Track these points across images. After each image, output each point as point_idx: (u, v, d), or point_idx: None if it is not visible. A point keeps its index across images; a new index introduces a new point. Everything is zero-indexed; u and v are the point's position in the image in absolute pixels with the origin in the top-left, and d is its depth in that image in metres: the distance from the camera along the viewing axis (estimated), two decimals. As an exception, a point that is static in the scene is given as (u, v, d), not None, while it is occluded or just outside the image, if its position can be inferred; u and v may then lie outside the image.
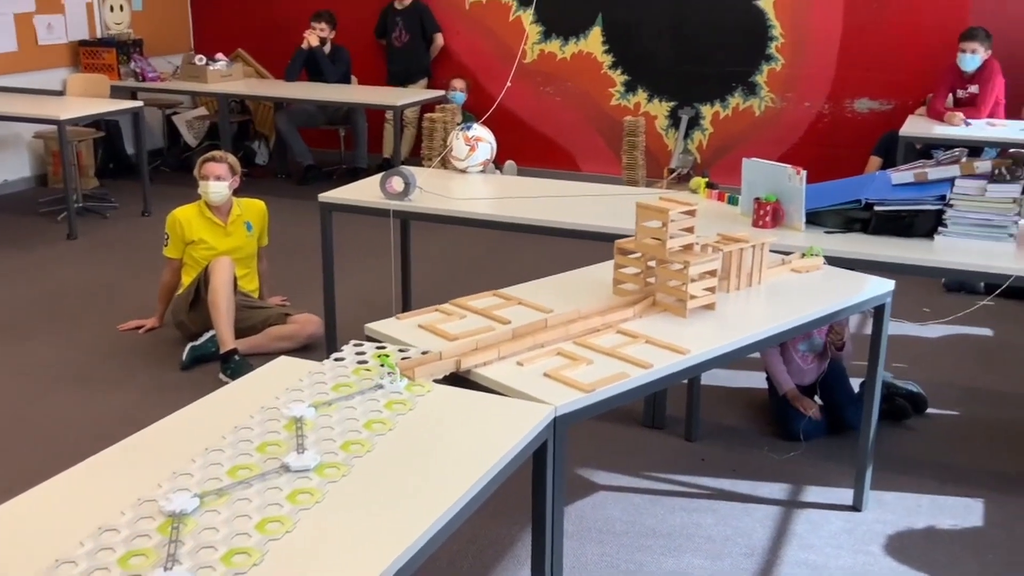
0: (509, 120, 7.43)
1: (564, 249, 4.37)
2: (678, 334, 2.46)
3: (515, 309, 2.62)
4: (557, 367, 2.24)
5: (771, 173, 3.46)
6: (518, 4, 7.61)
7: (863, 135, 6.66)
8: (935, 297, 4.98)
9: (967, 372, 4.20)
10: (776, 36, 6.91)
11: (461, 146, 4.27)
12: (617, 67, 7.43)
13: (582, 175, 7.32)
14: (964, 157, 3.37)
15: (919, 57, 6.49)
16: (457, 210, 3.76)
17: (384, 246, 4.93)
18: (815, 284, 2.88)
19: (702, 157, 7.27)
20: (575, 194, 3.96)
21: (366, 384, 2.16)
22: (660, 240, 2.59)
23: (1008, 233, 3.25)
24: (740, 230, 3.06)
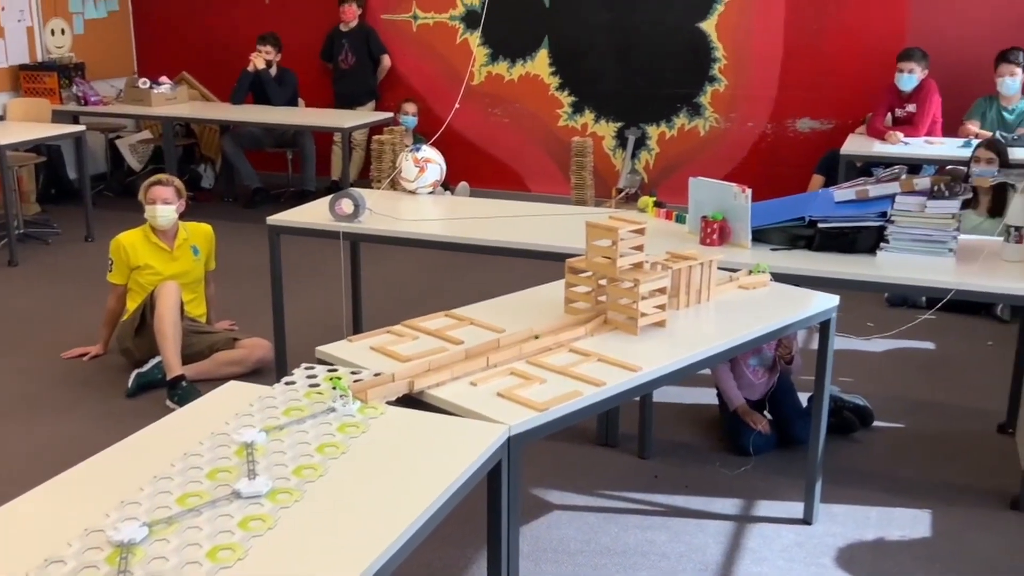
0: (458, 142, 7.44)
1: (515, 269, 4.38)
2: (630, 351, 2.47)
3: (467, 329, 2.62)
4: (510, 386, 2.24)
5: (717, 192, 3.51)
6: (465, 27, 7.64)
7: (805, 154, 6.79)
8: (878, 312, 5.08)
9: (911, 385, 4.28)
10: (719, 58, 7.03)
11: (411, 167, 4.27)
12: (564, 89, 7.49)
13: (531, 195, 7.35)
14: (904, 174, 3.46)
15: (858, 77, 6.64)
16: (407, 231, 3.76)
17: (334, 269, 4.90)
18: (762, 300, 2.92)
19: (649, 177, 7.36)
20: (525, 214, 3.97)
21: (318, 407, 2.14)
22: (610, 259, 2.61)
23: (948, 248, 3.33)
24: (688, 248, 3.10)
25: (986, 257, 3.33)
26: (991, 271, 3.24)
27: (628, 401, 2.49)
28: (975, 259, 3.32)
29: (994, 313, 5.05)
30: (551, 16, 7.40)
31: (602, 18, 7.26)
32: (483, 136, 7.71)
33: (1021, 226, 3.31)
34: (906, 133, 5.90)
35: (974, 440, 3.75)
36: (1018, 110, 5.89)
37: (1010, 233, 3.33)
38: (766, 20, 6.84)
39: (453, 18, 7.67)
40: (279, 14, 8.07)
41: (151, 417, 2.17)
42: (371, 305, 4.92)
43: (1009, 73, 5.78)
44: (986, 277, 3.18)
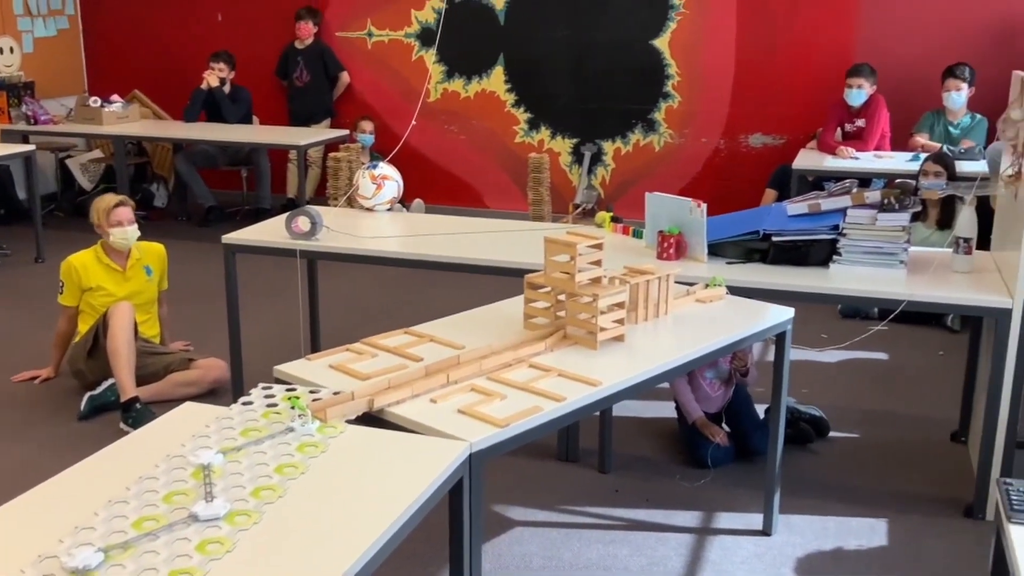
0: (415, 158, 7.43)
1: (474, 285, 4.38)
2: (589, 366, 2.48)
3: (427, 346, 2.61)
4: (471, 403, 2.24)
5: (673, 206, 3.54)
6: (420, 44, 7.65)
7: (758, 168, 6.88)
8: (832, 323, 5.15)
9: (865, 395, 4.34)
10: (672, 75, 7.11)
11: (368, 185, 4.26)
12: (520, 105, 7.52)
13: (489, 212, 7.36)
14: (855, 188, 3.51)
15: (808, 93, 6.75)
16: (365, 249, 3.74)
17: (291, 287, 4.86)
18: (719, 313, 2.94)
19: (605, 192, 7.40)
20: (483, 230, 3.98)
21: (276, 428, 2.12)
22: (569, 274, 2.62)
23: (899, 260, 3.39)
24: (646, 262, 3.12)
25: (936, 268, 3.39)
26: (941, 282, 3.30)
27: (588, 416, 2.50)
28: (925, 270, 3.38)
29: (945, 323, 5.14)
30: (506, 33, 7.43)
31: (557, 35, 7.31)
32: (440, 153, 7.71)
33: (970, 238, 3.39)
34: (856, 148, 6.00)
35: (928, 449, 3.81)
36: (964, 124, 6.02)
37: (959, 245, 3.40)
38: (718, 37, 6.93)
39: (408, 35, 7.67)
40: (232, 31, 8.02)
41: (105, 440, 2.13)
42: (329, 323, 4.88)
43: (955, 88, 5.91)
44: (936, 288, 3.25)
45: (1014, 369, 3.13)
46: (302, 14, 7.66)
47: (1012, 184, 3.28)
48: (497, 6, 7.40)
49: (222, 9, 8.08)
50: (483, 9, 7.43)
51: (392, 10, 7.67)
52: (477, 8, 7.43)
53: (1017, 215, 3.16)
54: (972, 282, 3.32)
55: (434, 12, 7.55)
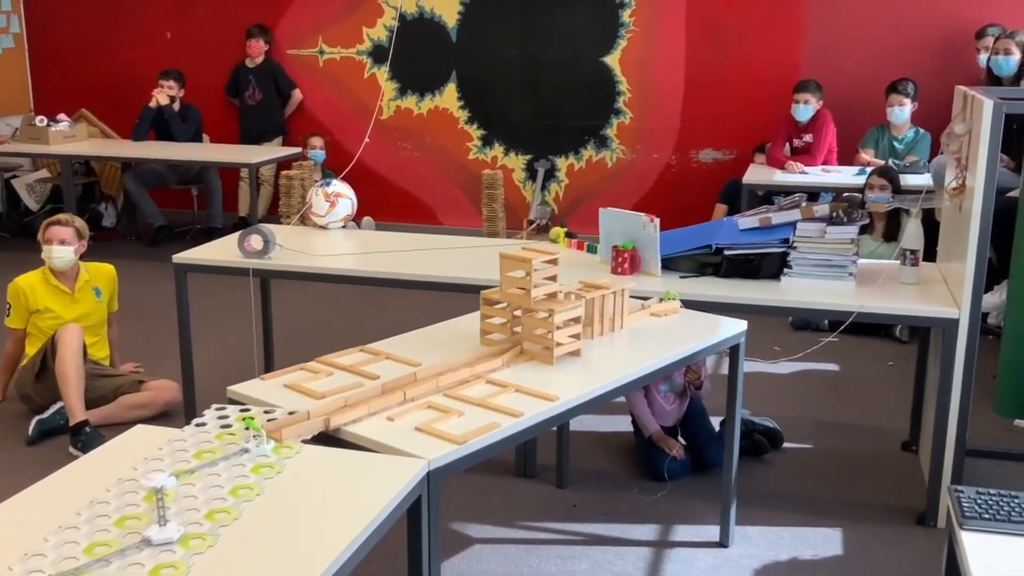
0: (369, 176, 7.41)
1: (430, 302, 4.37)
2: (546, 381, 2.48)
3: (383, 364, 2.59)
4: (428, 420, 2.23)
5: (627, 221, 3.57)
6: (372, 61, 7.65)
7: (709, 183, 6.96)
8: (784, 335, 5.22)
9: (817, 406, 4.40)
10: (623, 91, 7.17)
11: (321, 202, 4.23)
12: (473, 122, 7.54)
13: (443, 228, 7.36)
14: (803, 202, 3.57)
15: (757, 109, 6.85)
16: (319, 267, 3.72)
17: (243, 307, 4.81)
18: (674, 327, 2.97)
19: (559, 208, 7.44)
20: (438, 247, 3.97)
21: (231, 449, 2.09)
22: (525, 289, 2.63)
23: (848, 272, 3.45)
24: (601, 277, 3.14)
25: (884, 280, 3.45)
26: (889, 294, 3.36)
27: (546, 431, 2.50)
28: (874, 282, 3.44)
29: (893, 334, 5.23)
30: (458, 50, 7.46)
31: (509, 52, 7.35)
32: (394, 170, 7.70)
33: (916, 250, 3.45)
34: (804, 162, 6.10)
35: (880, 458, 3.87)
36: (907, 139, 6.15)
37: (906, 257, 3.47)
38: (667, 54, 7.02)
39: (360, 53, 7.66)
40: (182, 49, 7.95)
41: (54, 465, 2.09)
42: (283, 343, 4.84)
43: (898, 103, 6.04)
44: (885, 300, 3.30)
45: (962, 378, 3.19)
46: (253, 32, 7.61)
47: (956, 197, 3.35)
48: (449, 23, 7.42)
49: (171, 27, 8.00)
50: (435, 26, 7.45)
51: (343, 28, 7.65)
52: (429, 25, 7.45)
53: (961, 227, 3.23)
54: (919, 293, 3.38)
55: (386, 29, 7.55)
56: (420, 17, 7.46)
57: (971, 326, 3.15)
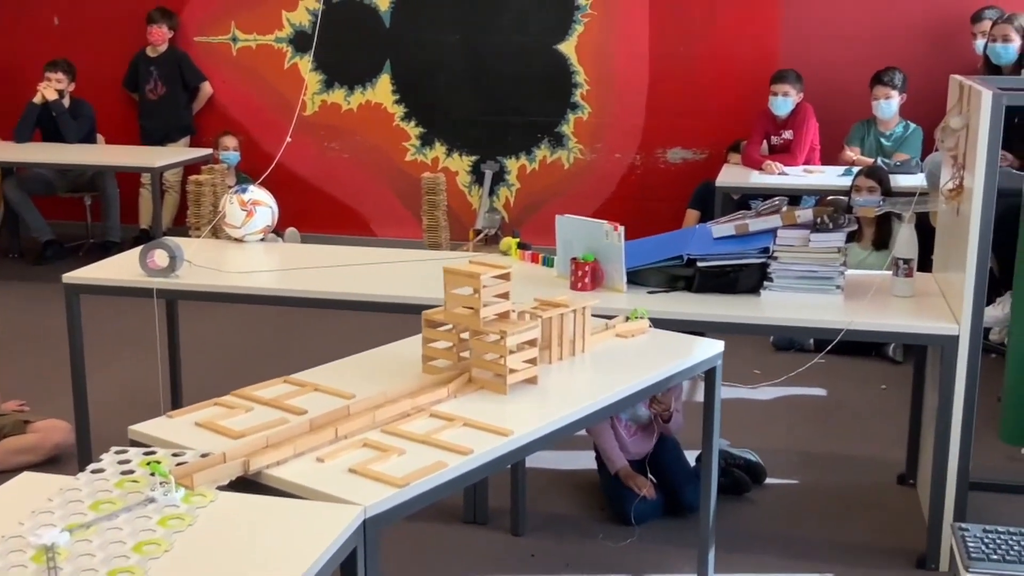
0: (290, 181, 7.37)
1: (364, 325, 4.35)
2: (499, 413, 2.48)
3: (311, 397, 2.57)
4: (364, 461, 2.21)
5: (587, 230, 3.59)
6: (294, 50, 7.62)
7: (678, 186, 7.04)
8: (764, 357, 5.28)
9: (803, 436, 4.45)
10: (581, 83, 7.23)
11: (236, 211, 4.20)
12: (411, 119, 7.54)
13: (378, 240, 7.34)
14: (784, 206, 3.62)
15: (730, 103, 6.95)
16: (236, 286, 3.69)
17: (146, 333, 4.73)
18: (642, 349, 2.98)
19: (510, 215, 7.47)
20: (372, 261, 3.96)
21: (134, 499, 2.05)
22: (473, 309, 2.62)
23: (835, 285, 3.49)
24: (559, 294, 3.15)
25: (875, 293, 3.51)
26: (881, 308, 3.41)
27: (499, 471, 2.50)
28: (863, 296, 3.49)
29: (886, 354, 5.32)
30: (392, 37, 7.46)
31: (450, 39, 7.37)
32: (319, 174, 7.67)
33: (910, 259, 3.51)
34: (784, 162, 6.20)
35: (874, 494, 3.92)
36: (895, 135, 6.28)
37: (899, 267, 3.53)
38: (630, 41, 7.09)
39: (279, 40, 7.63)
40: (72, 37, 7.85)
41: (-77, 522, 2.03)
42: (194, 374, 4.78)
43: (884, 96, 6.16)
44: (876, 315, 3.36)
45: (963, 402, 3.25)
46: (154, 17, 7.55)
47: (953, 199, 3.42)
48: (381, 6, 7.43)
49: (60, 12, 7.90)
50: (365, 10, 7.45)
51: (260, 11, 7.62)
52: (358, 9, 7.45)
53: (960, 232, 3.30)
54: (914, 307, 3.44)
55: (309, 13, 7.54)
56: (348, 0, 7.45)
57: (972, 343, 3.21)
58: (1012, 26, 5.63)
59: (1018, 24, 5.64)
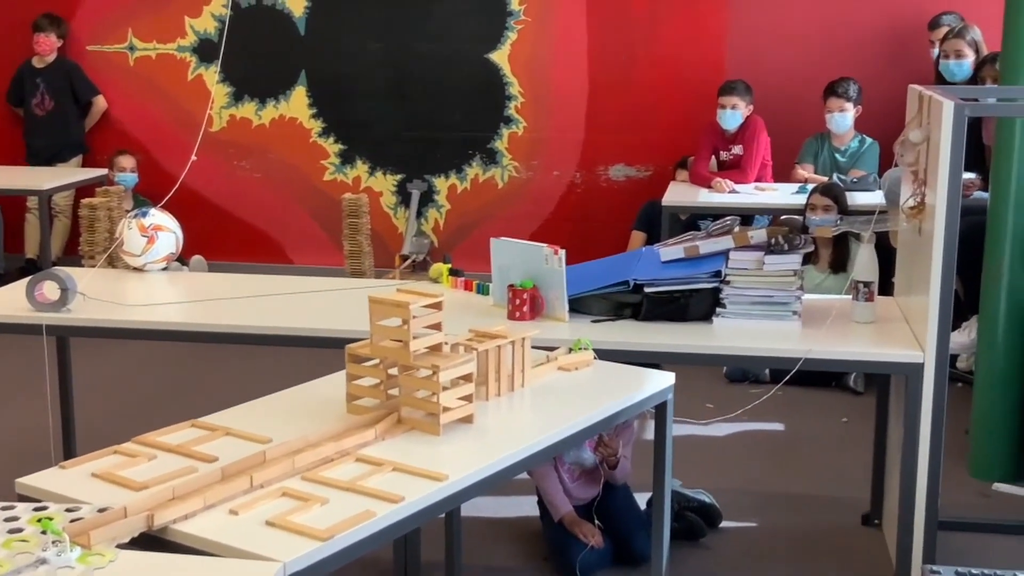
0: (196, 204, 7.29)
1: (281, 361, 4.32)
2: (432, 456, 2.47)
3: (223, 442, 2.54)
4: (283, 512, 2.19)
5: (525, 254, 3.60)
6: (198, 60, 7.57)
7: (622, 206, 7.09)
8: (718, 389, 5.33)
9: (760, 475, 4.49)
10: (515, 95, 7.28)
11: (136, 238, 4.15)
12: (329, 134, 7.52)
13: (295, 268, 7.29)
14: (736, 227, 3.66)
15: (676, 116, 7.03)
16: (135, 320, 3.65)
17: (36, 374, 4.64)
18: (587, 383, 2.99)
19: (440, 239, 7.46)
20: (289, 291, 3.93)
21: (23, 560, 2.01)
22: (401, 341, 2.61)
23: (791, 311, 3.54)
24: (495, 324, 3.14)
25: (834, 319, 3.56)
26: (841, 335, 3.46)
27: (432, 519, 2.48)
28: (822, 322, 3.54)
29: (846, 384, 5.40)
30: (307, 45, 7.45)
31: (371, 48, 7.38)
32: (228, 196, 7.61)
33: (870, 281, 3.58)
34: (734, 179, 6.28)
35: (837, 536, 3.97)
36: (851, 150, 6.41)
37: (859, 290, 3.58)
38: (567, 51, 7.16)
39: (182, 49, 7.58)
40: (-52, 45, 7.72)
41: None
42: (89, 419, 4.69)
43: (838, 108, 6.28)
44: (836, 343, 3.41)
45: (930, 435, 3.30)
46: (41, 24, 7.46)
47: (914, 217, 3.50)
48: (295, 12, 7.41)
49: (-67, 17, 7.77)
50: (278, 16, 7.43)
51: (161, 18, 7.57)
52: (270, 15, 7.43)
53: (922, 253, 3.37)
54: (876, 334, 3.50)
55: (215, 20, 7.51)
56: (258, 5, 7.44)
57: (938, 372, 3.27)
58: (964, 41, 5.73)
59: (971, 38, 5.75)
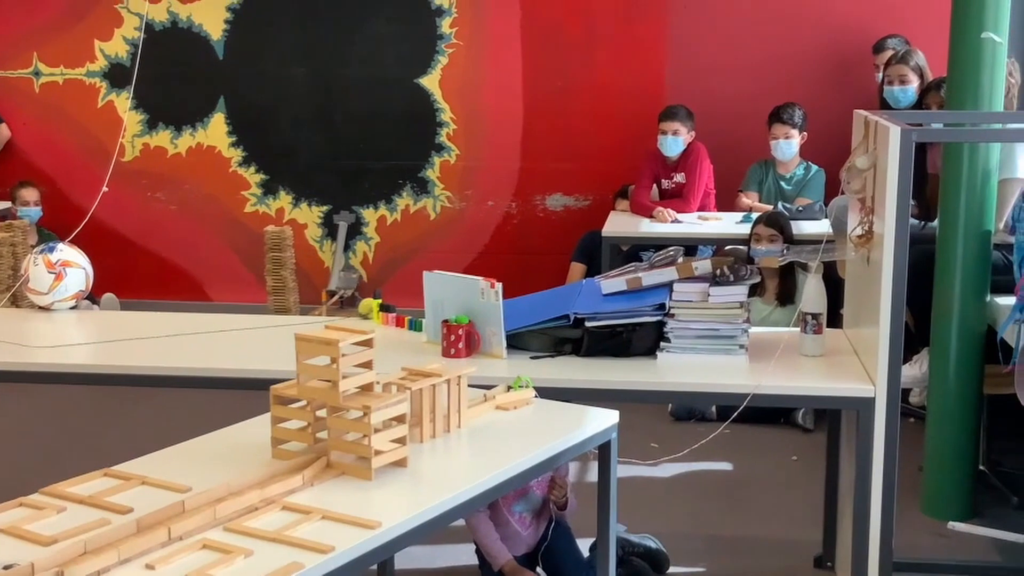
0: (107, 238, 7.22)
1: (200, 405, 4.26)
2: (363, 503, 2.45)
3: (138, 491, 2.50)
4: (204, 565, 2.15)
5: (459, 288, 3.60)
6: (109, 85, 7.51)
7: (561, 237, 7.14)
8: (663, 428, 5.36)
9: (708, 517, 4.51)
10: (446, 122, 7.30)
11: (42, 275, 4.09)
12: (250, 163, 7.48)
13: (214, 306, 7.20)
14: (680, 258, 3.69)
15: (615, 143, 7.10)
16: (43, 363, 3.60)
17: (-68, 422, 4.57)
18: (527, 423, 2.99)
19: (369, 274, 7.44)
20: (209, 330, 3.89)
21: (-80, 623, 1.95)
22: (330, 381, 2.59)
23: (738, 344, 3.56)
24: (429, 362, 3.13)
25: (782, 353, 3.60)
26: (790, 370, 3.49)
27: (364, 570, 2.46)
28: (770, 356, 3.57)
29: (795, 421, 5.45)
30: (227, 70, 7.42)
31: (294, 72, 7.38)
32: (142, 229, 7.53)
33: (819, 313, 3.62)
34: (676, 208, 6.34)
35: (788, 579, 4.00)
36: (796, 177, 6.51)
37: (807, 322, 3.63)
38: (500, 75, 7.21)
39: (91, 74, 7.52)
40: None
41: None
42: (-10, 469, 4.61)
43: (783, 135, 6.38)
44: (785, 378, 3.43)
45: (883, 473, 3.32)
46: (-63, 47, 7.36)
47: (862, 246, 3.55)
48: (213, 35, 7.39)
49: None
50: (194, 39, 7.40)
51: (68, 41, 7.50)
52: (186, 38, 7.40)
53: (871, 283, 3.42)
54: (825, 368, 3.54)
55: (127, 43, 7.46)
56: (174, 27, 7.41)
57: (890, 406, 3.30)
58: (909, 66, 5.84)
59: (915, 63, 5.87)
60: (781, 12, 6.97)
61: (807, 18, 6.95)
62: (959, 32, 4.31)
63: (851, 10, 6.88)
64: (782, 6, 6.97)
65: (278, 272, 4.58)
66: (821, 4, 6.92)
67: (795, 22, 6.97)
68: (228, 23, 7.37)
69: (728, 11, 7.01)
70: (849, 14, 6.89)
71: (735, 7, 7.00)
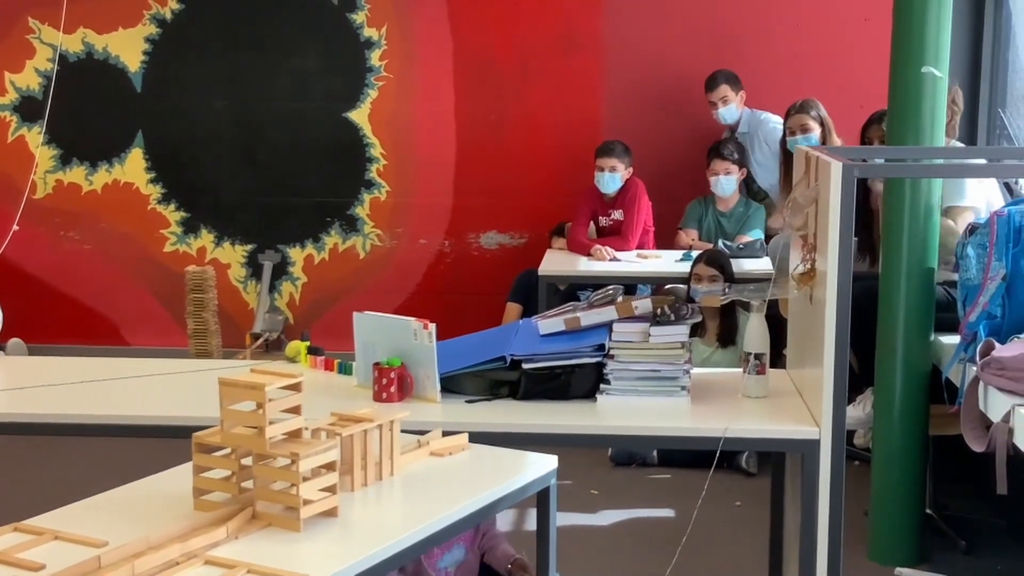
0: (16, 280, 7.13)
1: (117, 454, 4.20)
2: (291, 555, 2.43)
3: (50, 547, 2.46)
4: (122, 624, 2.12)
5: (391, 329, 3.59)
6: (20, 119, 7.43)
7: (495, 276, 7.15)
8: (602, 474, 5.36)
9: (650, 566, 4.50)
10: (376, 157, 7.31)
11: (-52, 318, 4.02)
12: (170, 201, 7.43)
13: (131, 350, 7.13)
14: (620, 297, 3.71)
15: (551, 179, 7.15)
16: (-53, 411, 3.52)
17: None
18: (463, 469, 2.98)
19: (296, 315, 7.40)
20: (125, 375, 3.85)
21: None
22: (256, 428, 2.57)
23: (680, 385, 3.58)
24: (360, 407, 3.12)
25: (725, 394, 3.63)
26: (732, 412, 3.52)
27: (292, 627, 2.44)
28: (713, 398, 3.61)
29: (739, 465, 5.48)
30: (145, 103, 7.38)
31: (216, 105, 7.35)
32: (54, 270, 7.44)
33: (762, 353, 3.66)
34: (614, 246, 6.40)
35: (733, 628, 4.01)
36: (736, 214, 6.59)
37: (750, 363, 3.66)
38: (432, 109, 7.24)
39: (1, 108, 7.44)
40: None
41: None
42: None
43: (723, 171, 6.46)
44: (727, 420, 3.45)
45: (829, 517, 3.35)
46: None
47: (804, 284, 3.60)
48: (131, 67, 7.35)
49: None
50: (110, 70, 7.36)
51: (-25, 72, 7.42)
52: (102, 69, 7.35)
53: (815, 322, 3.47)
54: (769, 409, 3.57)
55: (39, 75, 7.40)
56: (89, 58, 7.36)
57: (835, 448, 3.33)
58: (809, 116, 6.04)
59: (815, 113, 6.05)
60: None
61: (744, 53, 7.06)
62: (899, 66, 4.41)
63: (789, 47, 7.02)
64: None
65: (200, 314, 4.54)
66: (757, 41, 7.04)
67: (732, 56, 7.06)
68: (147, 54, 7.33)
69: (665, 45, 7.08)
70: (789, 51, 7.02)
71: (673, 41, 7.08)
